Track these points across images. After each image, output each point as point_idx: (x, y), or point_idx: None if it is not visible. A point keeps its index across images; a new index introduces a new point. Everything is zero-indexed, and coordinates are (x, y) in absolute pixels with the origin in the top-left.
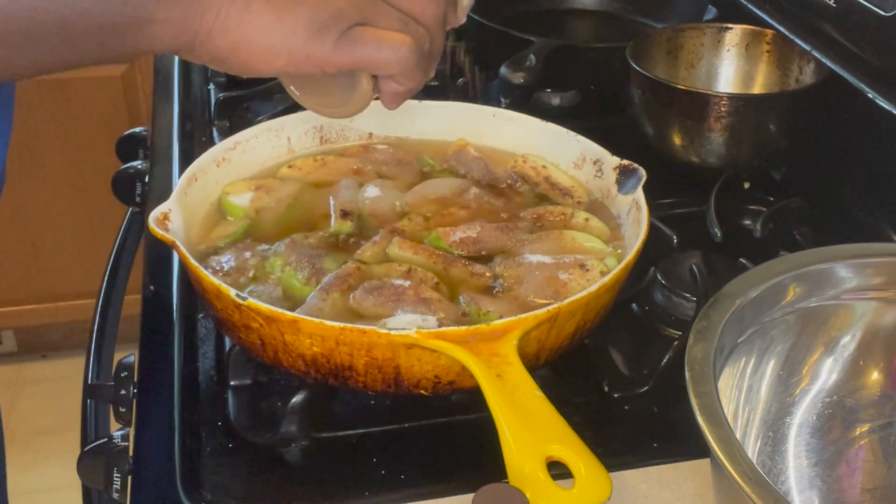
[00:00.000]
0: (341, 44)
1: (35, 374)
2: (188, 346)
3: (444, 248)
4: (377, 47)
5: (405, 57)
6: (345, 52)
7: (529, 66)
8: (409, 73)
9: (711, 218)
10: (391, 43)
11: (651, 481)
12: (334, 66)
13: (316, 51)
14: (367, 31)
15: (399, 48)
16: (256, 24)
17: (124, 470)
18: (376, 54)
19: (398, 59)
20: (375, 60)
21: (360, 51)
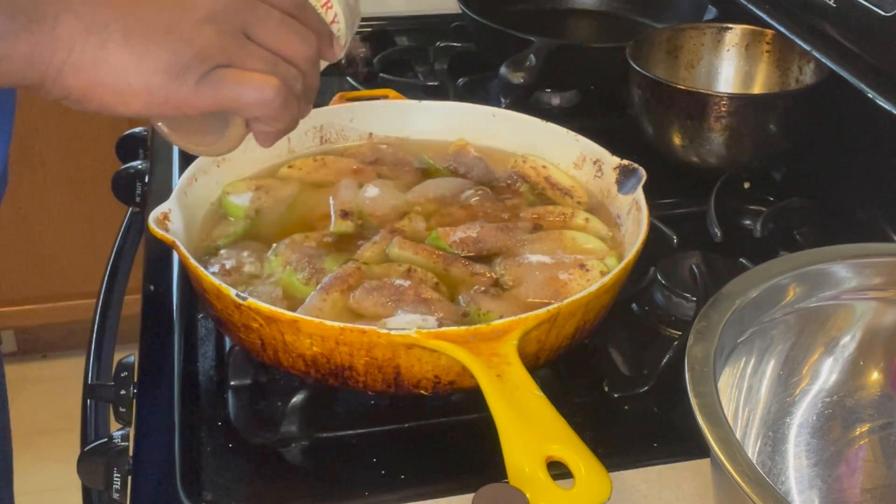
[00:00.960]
0: (202, 86)
1: (35, 374)
2: (188, 346)
3: (444, 248)
4: (239, 90)
5: (269, 99)
6: (206, 95)
7: (529, 66)
8: (275, 115)
9: (711, 218)
10: (254, 85)
11: (651, 481)
12: (195, 108)
13: (175, 93)
14: (230, 72)
15: (262, 90)
16: (113, 64)
17: (124, 470)
18: (238, 97)
19: (262, 102)
20: (237, 103)
21: (222, 93)
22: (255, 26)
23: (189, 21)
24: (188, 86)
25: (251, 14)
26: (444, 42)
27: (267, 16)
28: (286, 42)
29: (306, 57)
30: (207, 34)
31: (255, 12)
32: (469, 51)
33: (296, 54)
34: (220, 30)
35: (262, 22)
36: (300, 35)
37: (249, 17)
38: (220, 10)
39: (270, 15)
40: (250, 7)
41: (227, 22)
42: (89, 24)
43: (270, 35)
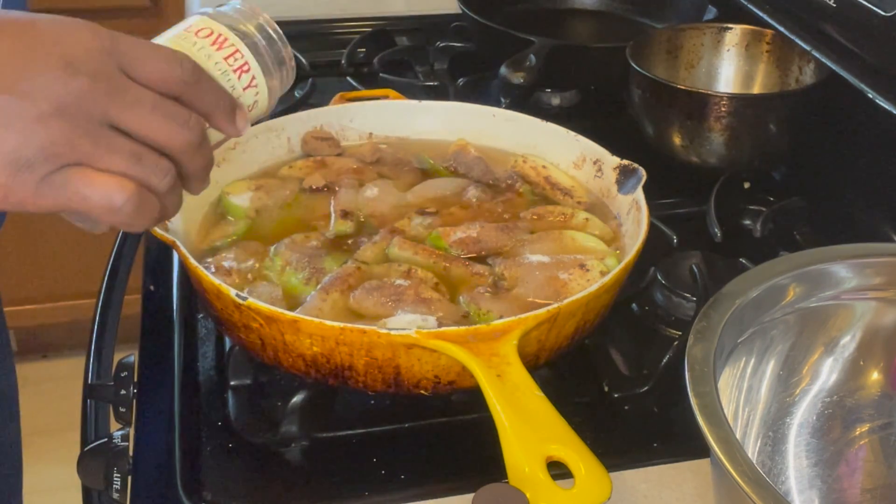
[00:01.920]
0: (45, 186)
1: (35, 374)
2: (188, 346)
3: (444, 248)
4: (84, 194)
5: (117, 206)
6: (49, 196)
7: (529, 66)
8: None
9: (711, 218)
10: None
11: (651, 481)
12: (38, 208)
13: (16, 191)
14: (79, 173)
15: (110, 196)
16: None
17: (124, 470)
18: (85, 202)
19: (110, 209)
20: (85, 208)
21: (67, 196)
22: (121, 114)
23: (35, 113)
24: (29, 185)
25: (115, 100)
26: (444, 42)
27: (136, 101)
28: (158, 129)
29: (185, 144)
30: (56, 128)
31: (120, 98)
32: (469, 51)
33: (170, 142)
34: (73, 123)
35: (129, 109)
36: (178, 120)
37: (113, 105)
38: (72, 101)
39: (141, 100)
40: (115, 93)
41: (81, 114)
42: None
43: (139, 123)
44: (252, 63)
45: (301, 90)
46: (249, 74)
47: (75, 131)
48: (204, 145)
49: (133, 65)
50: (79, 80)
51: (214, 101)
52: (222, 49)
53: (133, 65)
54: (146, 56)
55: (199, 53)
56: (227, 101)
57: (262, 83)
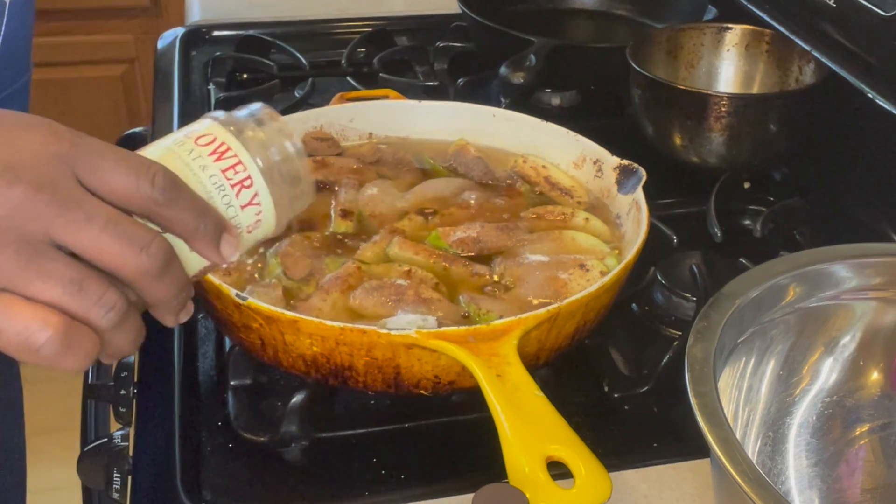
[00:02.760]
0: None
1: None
2: (188, 346)
3: (444, 248)
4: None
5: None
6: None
7: (529, 66)
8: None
9: (711, 218)
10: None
11: (651, 481)
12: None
13: None
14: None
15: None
16: None
17: (124, 470)
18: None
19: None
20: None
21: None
22: (65, 231)
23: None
24: None
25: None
26: (444, 42)
27: (86, 218)
28: (109, 252)
29: (142, 272)
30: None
31: (66, 213)
32: (469, 51)
33: (125, 268)
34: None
35: (75, 225)
36: (135, 244)
37: (57, 220)
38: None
39: (91, 216)
40: (62, 205)
41: (15, 229)
42: None
43: (86, 243)
44: (255, 177)
45: (301, 90)
46: (251, 191)
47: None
48: (168, 273)
49: (91, 174)
50: (17, 189)
51: (194, 222)
52: (222, 160)
53: (91, 174)
54: (109, 165)
55: (195, 163)
56: (211, 222)
57: (266, 200)
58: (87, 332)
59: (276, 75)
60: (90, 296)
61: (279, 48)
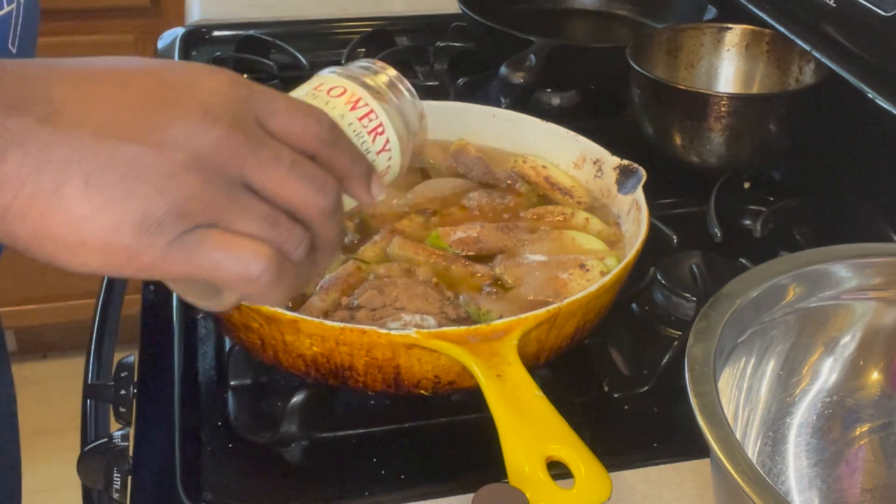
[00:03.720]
0: (175, 249)
1: (35, 374)
2: (188, 346)
3: (444, 248)
4: (218, 260)
5: (253, 275)
6: (178, 261)
7: (529, 66)
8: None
9: (711, 218)
10: (240, 257)
11: (651, 481)
12: (165, 274)
13: (142, 255)
14: (212, 236)
15: (249, 264)
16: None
17: (124, 470)
18: (217, 269)
19: (245, 278)
20: (217, 276)
21: (198, 261)
22: (257, 174)
23: (168, 166)
24: (158, 248)
25: (252, 158)
26: (444, 42)
27: (274, 160)
28: (295, 193)
29: (319, 209)
30: (189, 184)
31: (258, 154)
32: (469, 51)
33: (306, 207)
34: (206, 178)
35: (265, 168)
36: (315, 184)
37: (250, 162)
38: (208, 154)
39: (279, 159)
40: (253, 149)
41: (216, 169)
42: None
43: (275, 184)
44: (387, 124)
45: None
46: (384, 137)
47: (210, 187)
48: (338, 213)
49: (271, 117)
50: (217, 128)
51: (350, 164)
52: (356, 109)
53: (271, 117)
54: (284, 108)
55: (333, 113)
56: (364, 164)
57: (395, 146)
58: (289, 264)
59: (277, 75)
60: (283, 231)
61: (279, 48)
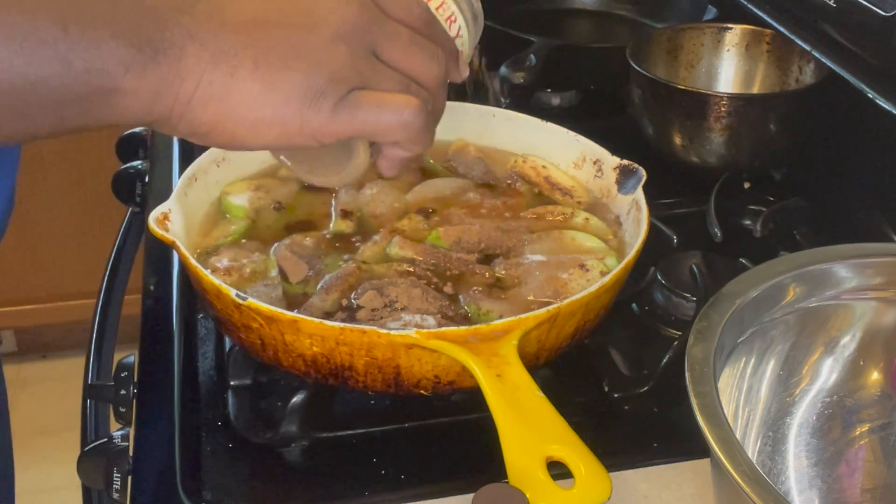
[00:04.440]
0: (339, 111)
1: (35, 374)
2: (188, 346)
3: (444, 248)
4: (379, 113)
5: (410, 121)
6: (344, 121)
7: (529, 66)
8: (415, 138)
9: (711, 218)
10: (395, 107)
11: (651, 481)
12: (332, 135)
13: (311, 120)
14: (367, 94)
15: (403, 112)
16: (244, 93)
17: (124, 470)
18: (378, 120)
19: (403, 124)
20: (378, 127)
21: (361, 118)
22: (385, 46)
23: (320, 42)
24: (324, 112)
25: (380, 32)
26: None
27: (396, 34)
28: (416, 62)
29: (436, 77)
30: (340, 55)
31: (383, 31)
32: None
33: (426, 75)
34: (352, 50)
35: (391, 41)
36: (430, 54)
37: (379, 36)
38: (349, 29)
39: (399, 34)
40: (379, 25)
41: (357, 41)
42: (216, 54)
43: (400, 55)
44: (457, 13)
45: None
46: (457, 24)
47: (356, 57)
48: (446, 83)
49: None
50: (351, 8)
51: (446, 43)
52: (432, 1)
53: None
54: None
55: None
56: (453, 44)
57: (465, 33)
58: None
59: None
60: (415, 89)
61: None
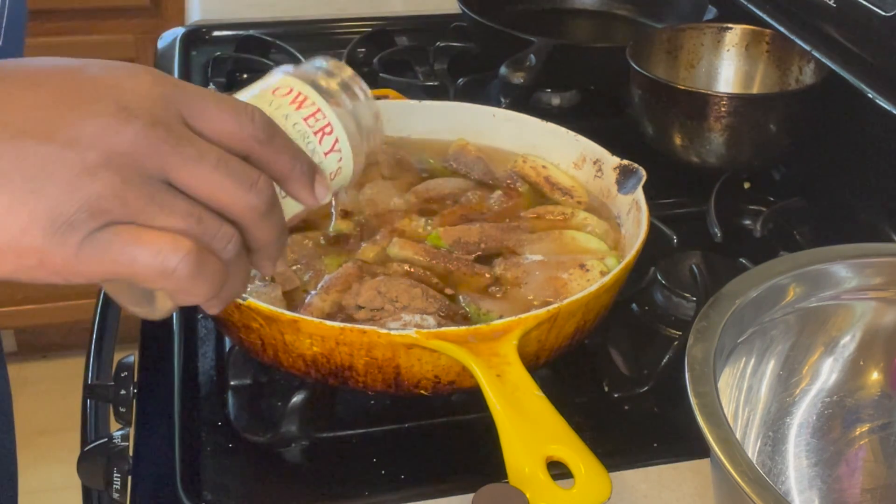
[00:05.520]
0: (86, 248)
1: (35, 374)
2: (188, 346)
3: (444, 248)
4: (131, 254)
5: (170, 266)
6: (90, 260)
7: (529, 66)
8: (183, 287)
9: (711, 218)
10: (154, 248)
11: (651, 481)
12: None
13: (52, 256)
14: (125, 231)
15: (161, 254)
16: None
17: (124, 470)
18: (130, 263)
19: (161, 271)
20: (130, 270)
21: (109, 258)
22: (179, 171)
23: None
24: (69, 247)
25: (174, 153)
26: (444, 42)
27: (198, 156)
28: (221, 190)
29: (248, 208)
30: (103, 181)
31: (180, 151)
32: (469, 51)
33: (233, 205)
34: (123, 175)
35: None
36: (242, 182)
37: (171, 157)
38: (125, 150)
39: (202, 157)
40: (173, 147)
41: (134, 165)
42: None
43: (199, 181)
44: (335, 124)
45: None
46: (332, 137)
47: (126, 184)
48: (273, 213)
49: (197, 115)
50: (134, 126)
51: (290, 162)
52: (302, 108)
53: (197, 115)
54: (212, 107)
55: (277, 113)
56: (306, 163)
57: (345, 147)
58: (215, 258)
59: None
60: (210, 228)
61: (279, 48)
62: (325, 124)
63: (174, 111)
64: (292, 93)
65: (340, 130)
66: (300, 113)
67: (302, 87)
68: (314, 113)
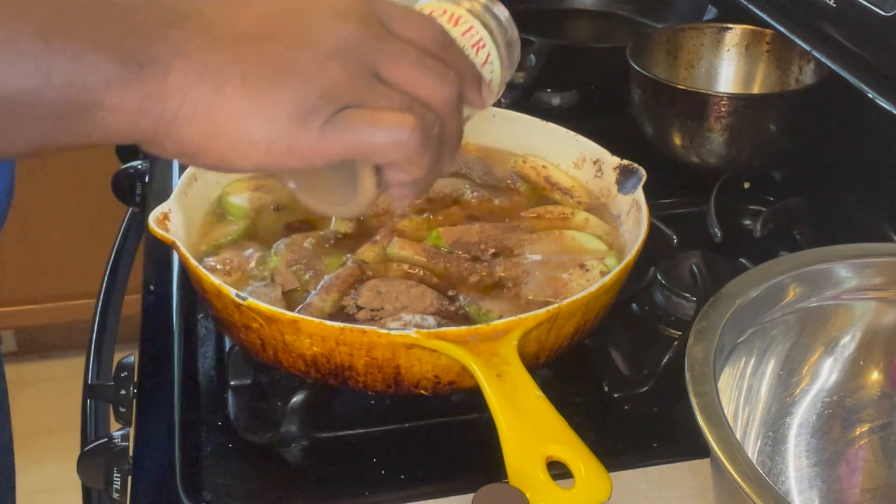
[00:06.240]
0: (328, 130)
1: (35, 374)
2: (188, 346)
3: (444, 248)
4: (370, 131)
5: (403, 139)
6: (333, 140)
7: (529, 66)
8: (412, 158)
9: (711, 218)
10: (387, 124)
11: (651, 481)
12: (322, 156)
13: (299, 140)
14: (359, 112)
15: (396, 130)
16: (229, 111)
17: (124, 470)
18: (370, 139)
19: (396, 143)
20: (369, 146)
21: (351, 136)
22: (387, 65)
23: (312, 59)
24: (313, 130)
25: (382, 52)
26: None
27: (401, 54)
28: (421, 83)
29: (445, 99)
30: (333, 72)
31: (386, 50)
32: None
33: (433, 96)
34: (347, 67)
35: (394, 60)
36: (438, 75)
37: (380, 56)
38: (347, 47)
39: (405, 53)
40: (382, 44)
41: (355, 59)
42: (203, 69)
43: (403, 75)
44: (487, 40)
45: None
46: (486, 51)
47: (351, 74)
48: (460, 107)
49: (393, 21)
50: (350, 26)
51: (463, 66)
52: (458, 25)
53: (393, 21)
54: (402, 14)
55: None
56: (474, 69)
57: (495, 60)
58: (430, 136)
59: None
60: (418, 109)
61: None
62: (478, 39)
63: (374, 16)
64: (447, 13)
65: (491, 45)
66: (457, 29)
67: (454, 9)
68: (468, 30)
